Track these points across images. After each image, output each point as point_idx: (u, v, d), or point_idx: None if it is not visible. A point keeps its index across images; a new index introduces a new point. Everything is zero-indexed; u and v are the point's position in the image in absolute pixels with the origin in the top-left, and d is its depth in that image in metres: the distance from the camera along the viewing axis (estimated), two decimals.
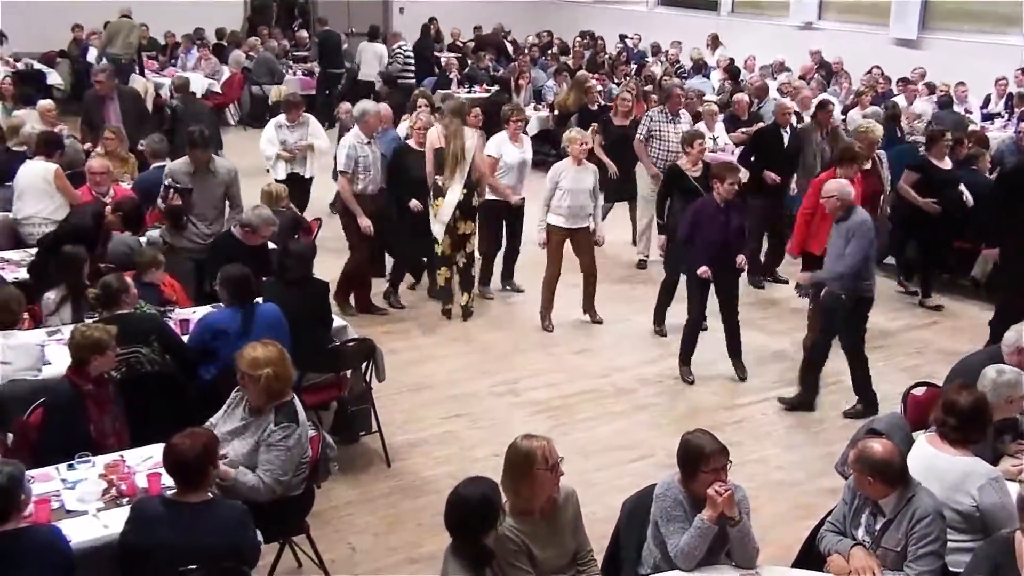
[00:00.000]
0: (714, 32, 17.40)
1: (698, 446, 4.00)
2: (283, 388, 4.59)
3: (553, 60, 16.66)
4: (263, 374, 4.50)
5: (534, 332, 8.38)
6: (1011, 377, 4.83)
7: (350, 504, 5.82)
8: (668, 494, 4.07)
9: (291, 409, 4.61)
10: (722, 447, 4.02)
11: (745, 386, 7.52)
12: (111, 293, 5.54)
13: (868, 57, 14.77)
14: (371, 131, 8.25)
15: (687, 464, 4.02)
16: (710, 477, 3.96)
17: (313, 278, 6.39)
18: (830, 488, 5.65)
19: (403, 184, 8.37)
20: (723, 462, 3.99)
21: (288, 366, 4.63)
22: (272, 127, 9.85)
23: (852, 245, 6.66)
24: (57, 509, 4.23)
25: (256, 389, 4.54)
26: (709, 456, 3.96)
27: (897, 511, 3.99)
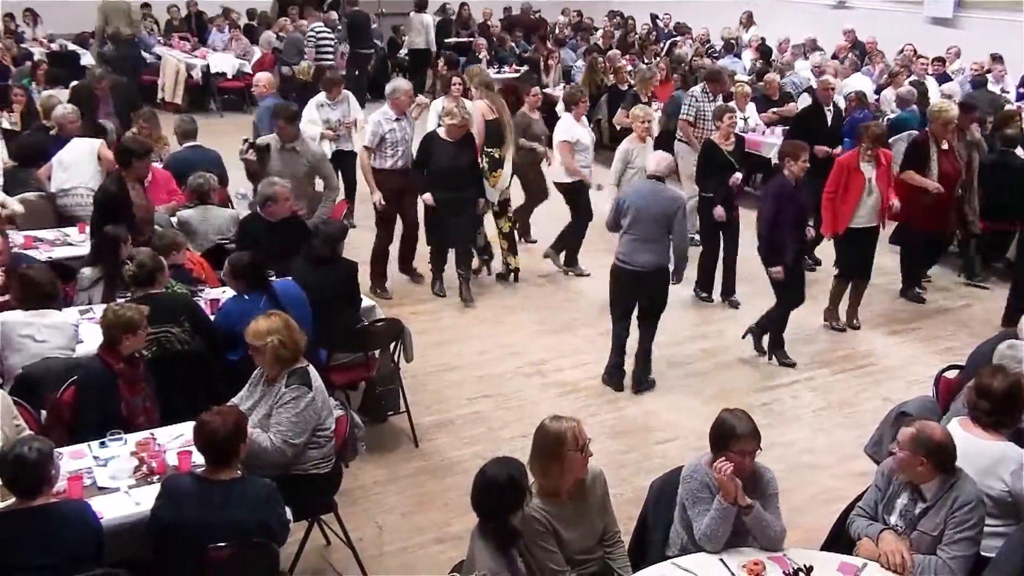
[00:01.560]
0: (749, 10, 17.20)
1: (731, 426, 3.99)
2: (291, 355, 4.65)
3: (583, 40, 16.56)
4: (268, 343, 4.57)
5: (562, 313, 8.36)
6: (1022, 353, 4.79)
7: (378, 483, 5.86)
8: (695, 476, 4.06)
9: (304, 373, 4.67)
10: (754, 431, 4.00)
11: (775, 369, 7.47)
12: (147, 272, 5.58)
13: (902, 36, 14.52)
14: (402, 109, 8.35)
15: (717, 441, 4.01)
16: (738, 458, 3.95)
17: (341, 258, 6.39)
18: (860, 472, 5.61)
19: (428, 172, 8.19)
20: (752, 446, 3.98)
21: (295, 333, 4.68)
22: (313, 107, 9.70)
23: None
24: (89, 486, 4.29)
25: (264, 359, 4.63)
26: (740, 437, 3.95)
27: (938, 497, 3.96)
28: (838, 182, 7.70)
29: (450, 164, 8.07)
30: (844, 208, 7.70)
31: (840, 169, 7.76)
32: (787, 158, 7.29)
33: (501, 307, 8.51)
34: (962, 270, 9.42)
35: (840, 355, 7.72)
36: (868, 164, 7.71)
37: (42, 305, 5.41)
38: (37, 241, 7.11)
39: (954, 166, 8.55)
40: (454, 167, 8.08)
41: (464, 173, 8.16)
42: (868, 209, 7.76)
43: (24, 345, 5.26)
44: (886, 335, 8.10)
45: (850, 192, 7.69)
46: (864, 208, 7.73)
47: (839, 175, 7.72)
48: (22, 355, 5.23)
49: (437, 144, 8.15)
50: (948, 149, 8.52)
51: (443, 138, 8.14)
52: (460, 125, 8.06)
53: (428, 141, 8.25)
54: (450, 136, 8.09)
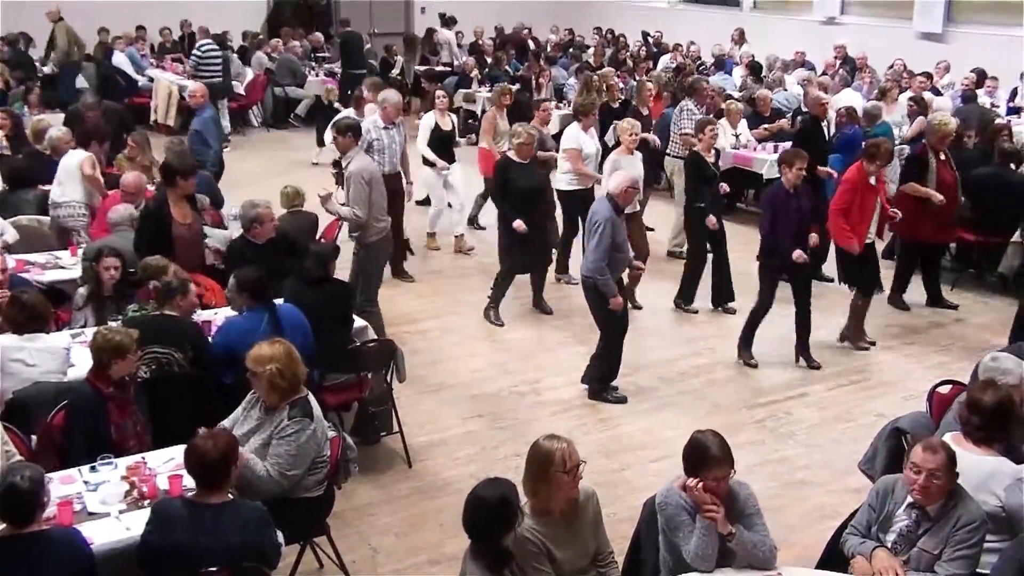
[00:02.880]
0: (740, 27, 17.30)
1: (704, 448, 3.93)
2: (290, 385, 4.61)
3: (574, 59, 16.63)
4: (267, 370, 4.53)
5: (556, 331, 8.36)
6: (1004, 365, 4.77)
7: (371, 505, 5.83)
8: (669, 502, 4.02)
9: (305, 405, 4.63)
10: (727, 454, 3.92)
11: (769, 384, 7.47)
12: (169, 291, 5.59)
13: (892, 51, 14.60)
14: (390, 118, 8.82)
15: (692, 463, 3.96)
16: (712, 484, 3.90)
17: (333, 279, 6.39)
18: (855, 488, 5.60)
19: (509, 196, 8.33)
20: (725, 472, 3.91)
21: (296, 364, 4.63)
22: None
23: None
24: (80, 511, 4.26)
25: (262, 385, 4.58)
26: (713, 462, 3.89)
27: (942, 514, 3.95)
28: (851, 200, 7.63)
29: (528, 186, 8.29)
30: (859, 226, 7.65)
31: (852, 187, 7.67)
32: (783, 165, 7.43)
33: (495, 326, 8.50)
34: (954, 284, 9.44)
35: (834, 370, 7.72)
36: (872, 179, 7.74)
37: (34, 329, 5.39)
38: (29, 264, 7.10)
39: (952, 175, 8.68)
40: (532, 188, 8.33)
41: (540, 194, 8.47)
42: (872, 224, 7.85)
43: (15, 369, 5.24)
44: (879, 350, 8.10)
45: (865, 209, 7.66)
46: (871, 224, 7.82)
47: (851, 193, 7.64)
48: (13, 379, 5.20)
49: (514, 168, 8.33)
50: (945, 159, 8.67)
51: (518, 161, 8.33)
52: (528, 143, 8.28)
53: (504, 167, 8.42)
54: (522, 157, 8.30)
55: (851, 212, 7.65)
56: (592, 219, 6.79)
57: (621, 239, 6.86)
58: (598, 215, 6.75)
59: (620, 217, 6.84)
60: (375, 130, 8.78)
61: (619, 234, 6.82)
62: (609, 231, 6.68)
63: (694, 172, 8.56)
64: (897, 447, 4.91)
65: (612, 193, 6.82)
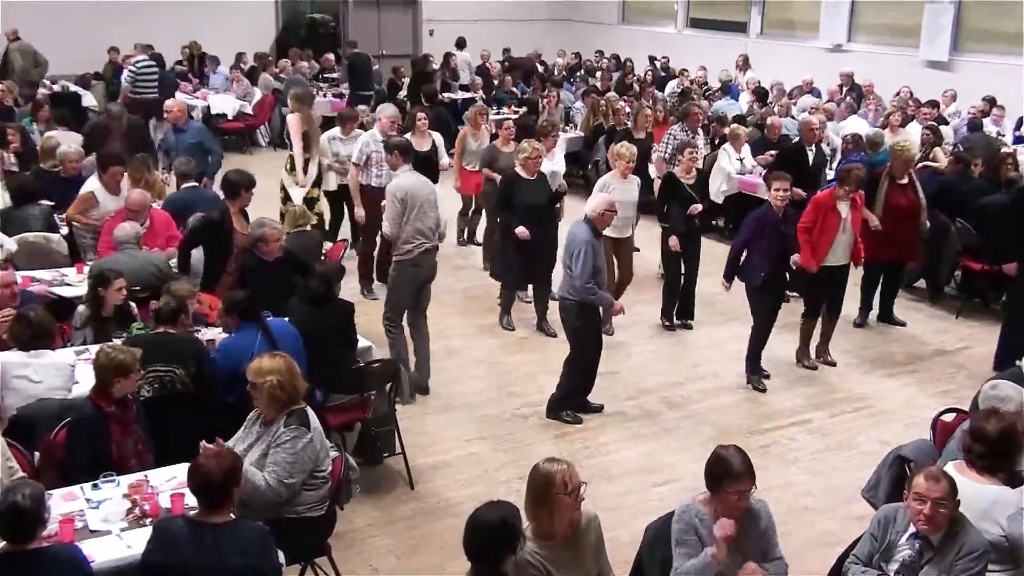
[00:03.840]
0: (744, 54, 17.37)
1: (726, 463, 3.97)
2: (289, 398, 4.64)
3: (581, 82, 16.70)
4: (266, 382, 4.56)
5: (560, 354, 8.32)
6: (1004, 392, 4.81)
7: (373, 526, 5.82)
8: (683, 517, 4.06)
9: (302, 415, 4.66)
10: (749, 471, 3.99)
11: (773, 410, 7.46)
12: (170, 311, 5.61)
13: (899, 79, 14.65)
14: (385, 130, 9.07)
15: (712, 478, 4.00)
16: (732, 497, 3.94)
17: (337, 298, 6.40)
18: (858, 515, 5.58)
19: (513, 210, 8.50)
20: (747, 485, 3.96)
21: (295, 377, 4.67)
22: (325, 140, 10.04)
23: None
24: (81, 529, 4.27)
25: (261, 397, 4.61)
26: (735, 477, 3.94)
27: (944, 544, 3.94)
28: (814, 219, 7.85)
29: (533, 201, 8.45)
30: (818, 246, 7.84)
31: (816, 207, 7.92)
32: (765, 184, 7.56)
33: (498, 348, 8.50)
34: (959, 312, 9.44)
35: (837, 397, 7.71)
36: (844, 204, 7.87)
37: (39, 345, 5.41)
38: (35, 281, 7.12)
39: (910, 199, 8.87)
40: (537, 204, 8.47)
41: (544, 209, 8.58)
42: (841, 248, 7.94)
43: (20, 386, 5.26)
44: (883, 377, 8.09)
45: (825, 231, 7.84)
46: (837, 247, 7.90)
47: (815, 212, 7.87)
48: (18, 396, 5.23)
49: (519, 183, 8.50)
50: (908, 184, 8.89)
51: (523, 176, 8.48)
52: (533, 157, 8.41)
53: (509, 181, 8.61)
54: (528, 172, 8.46)
55: (812, 231, 7.82)
56: (571, 242, 6.80)
57: (600, 262, 6.89)
58: (577, 238, 6.76)
59: (598, 240, 6.86)
60: (374, 143, 9.04)
61: (598, 257, 6.85)
62: (590, 253, 6.70)
63: (667, 193, 8.70)
64: (900, 475, 4.90)
65: (589, 216, 6.83)
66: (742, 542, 4.03)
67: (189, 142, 10.10)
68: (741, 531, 4.00)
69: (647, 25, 20.49)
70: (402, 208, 7.12)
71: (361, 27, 19.86)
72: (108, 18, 16.70)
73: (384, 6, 20.39)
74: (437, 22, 19.88)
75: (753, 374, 7.83)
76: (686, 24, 19.92)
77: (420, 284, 7.31)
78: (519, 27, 20.41)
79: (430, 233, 7.24)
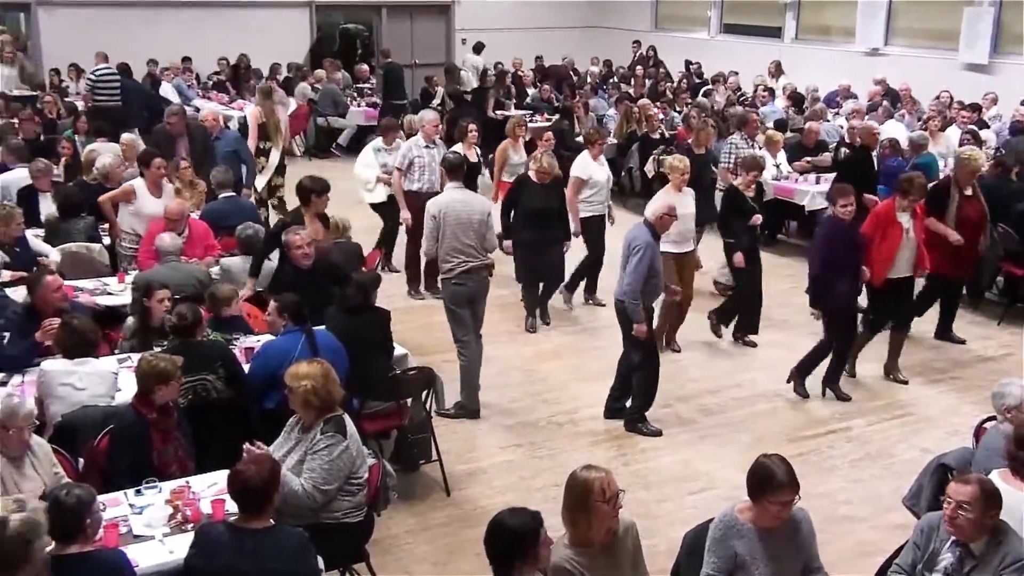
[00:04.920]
0: (777, 60, 17.27)
1: (770, 473, 3.95)
2: (323, 404, 4.67)
3: (614, 89, 16.69)
4: (301, 386, 4.61)
5: (594, 361, 8.34)
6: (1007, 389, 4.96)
7: (409, 532, 5.84)
8: (721, 526, 4.06)
9: (339, 422, 4.70)
10: (792, 481, 3.96)
11: (811, 418, 7.40)
12: (187, 325, 5.66)
13: (937, 83, 14.48)
14: (430, 136, 9.34)
15: (755, 487, 3.98)
16: (774, 507, 3.92)
17: (375, 307, 6.44)
18: (898, 524, 5.52)
19: (519, 214, 8.70)
20: (791, 497, 3.94)
21: (331, 383, 4.71)
22: (371, 151, 10.14)
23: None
24: (125, 534, 4.33)
25: (296, 401, 4.66)
26: (778, 487, 3.92)
27: (987, 553, 3.89)
28: (873, 231, 7.61)
29: (541, 205, 8.62)
30: (880, 258, 7.60)
31: (876, 219, 7.68)
32: (829, 202, 7.39)
33: (533, 355, 8.51)
34: (1001, 318, 9.31)
35: (877, 404, 7.63)
36: (905, 214, 7.63)
37: (83, 354, 5.49)
38: (78, 291, 7.23)
39: (978, 211, 8.52)
40: (544, 208, 8.62)
41: (553, 214, 8.70)
42: (904, 260, 7.67)
43: (65, 393, 5.33)
44: (923, 384, 7.99)
45: (887, 242, 7.59)
46: (900, 259, 7.64)
47: (875, 224, 7.64)
48: (63, 403, 5.30)
49: (528, 187, 8.72)
50: (973, 195, 8.51)
51: (534, 181, 8.66)
52: (543, 171, 8.63)
53: (519, 184, 8.86)
54: (539, 179, 8.65)
55: (873, 243, 7.60)
56: (632, 244, 6.80)
57: (658, 265, 6.86)
58: (638, 240, 6.77)
59: (657, 243, 6.85)
60: (416, 148, 9.25)
61: (656, 260, 6.82)
62: (648, 254, 6.70)
63: (730, 207, 8.55)
64: (942, 483, 4.83)
65: (649, 219, 6.83)
66: (783, 551, 4.01)
67: (224, 151, 10.24)
68: (782, 540, 3.98)
69: (680, 31, 20.43)
70: (434, 225, 7.12)
71: (394, 36, 19.98)
72: (148, 31, 16.95)
73: (417, 15, 20.52)
74: (470, 31, 19.95)
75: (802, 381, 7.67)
76: (719, 30, 19.84)
77: (468, 302, 7.23)
78: (551, 35, 20.43)
79: (471, 250, 7.12)
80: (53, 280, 6.23)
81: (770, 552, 3.98)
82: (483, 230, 7.20)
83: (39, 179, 8.92)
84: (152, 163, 8.28)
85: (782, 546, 4.02)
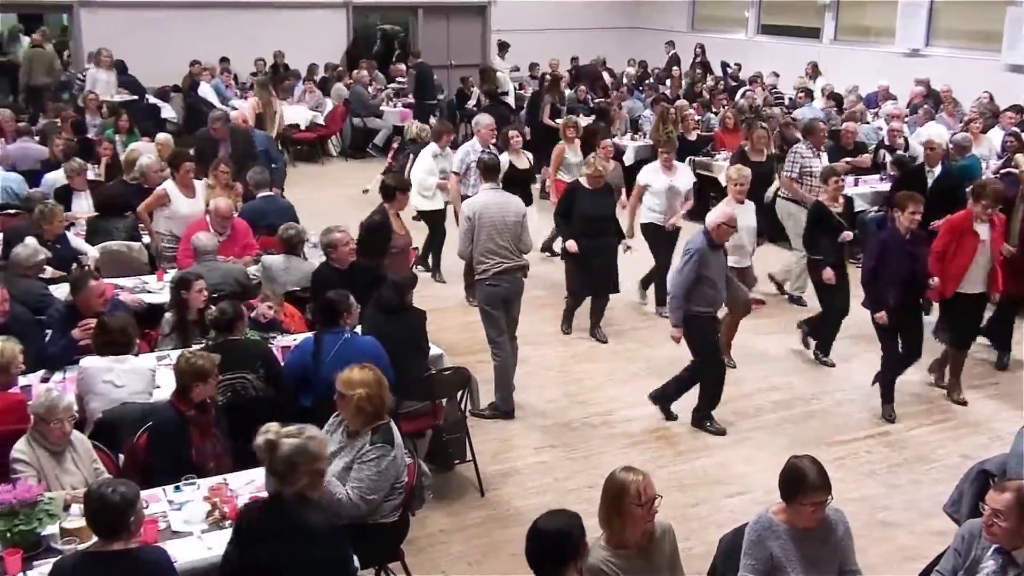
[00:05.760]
0: (813, 61, 17.11)
1: (801, 474, 3.93)
2: (376, 411, 4.64)
3: (651, 90, 16.62)
4: (356, 395, 4.57)
5: (628, 363, 8.32)
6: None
7: (444, 532, 5.85)
8: (756, 528, 4.04)
9: (388, 431, 4.67)
10: (824, 481, 3.94)
11: (848, 422, 7.33)
12: (227, 319, 5.72)
13: (979, 84, 14.29)
14: (485, 140, 9.41)
15: (787, 489, 3.97)
16: (808, 508, 3.91)
17: (411, 307, 6.46)
18: (938, 531, 5.45)
19: (573, 220, 8.61)
20: (823, 497, 3.92)
21: (384, 391, 4.68)
22: (429, 157, 9.98)
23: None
24: (164, 529, 4.37)
25: (348, 409, 4.63)
26: (810, 488, 3.90)
27: None
28: (947, 243, 7.32)
29: (592, 212, 8.48)
30: (952, 271, 7.31)
31: (951, 229, 7.38)
32: (895, 209, 7.18)
33: (568, 356, 8.50)
34: None
35: (916, 409, 7.54)
36: (983, 225, 7.35)
37: (115, 351, 5.55)
38: (118, 289, 7.31)
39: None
40: (596, 215, 8.48)
41: (606, 220, 8.58)
42: (978, 273, 7.39)
43: (104, 390, 5.40)
44: (965, 389, 7.86)
45: (960, 254, 7.29)
46: (974, 272, 7.36)
47: (950, 235, 7.34)
48: (102, 400, 5.37)
49: (580, 192, 8.59)
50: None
51: (586, 187, 8.56)
52: (595, 175, 8.52)
53: (572, 190, 8.76)
54: (591, 185, 8.52)
55: (946, 256, 7.33)
56: (685, 248, 6.90)
57: (712, 274, 6.82)
58: (691, 245, 6.83)
59: (714, 251, 6.83)
60: (473, 152, 9.28)
61: (708, 268, 6.79)
62: (696, 262, 6.69)
63: (816, 223, 8.10)
64: (983, 490, 4.75)
65: (707, 228, 6.83)
66: (818, 553, 3.99)
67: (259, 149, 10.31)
68: (817, 542, 3.96)
69: (718, 32, 20.32)
70: (469, 226, 7.13)
71: (430, 37, 20.05)
72: (187, 31, 17.10)
73: (453, 16, 20.56)
74: (506, 32, 19.96)
75: (886, 404, 7.40)
76: (757, 31, 19.71)
77: (502, 302, 7.24)
78: (588, 36, 20.38)
79: (506, 252, 7.14)
80: (97, 286, 6.32)
81: (805, 554, 3.96)
82: (518, 231, 7.21)
83: (73, 178, 9.09)
84: (181, 167, 8.37)
85: (817, 548, 4.00)
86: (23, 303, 6.32)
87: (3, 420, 4.96)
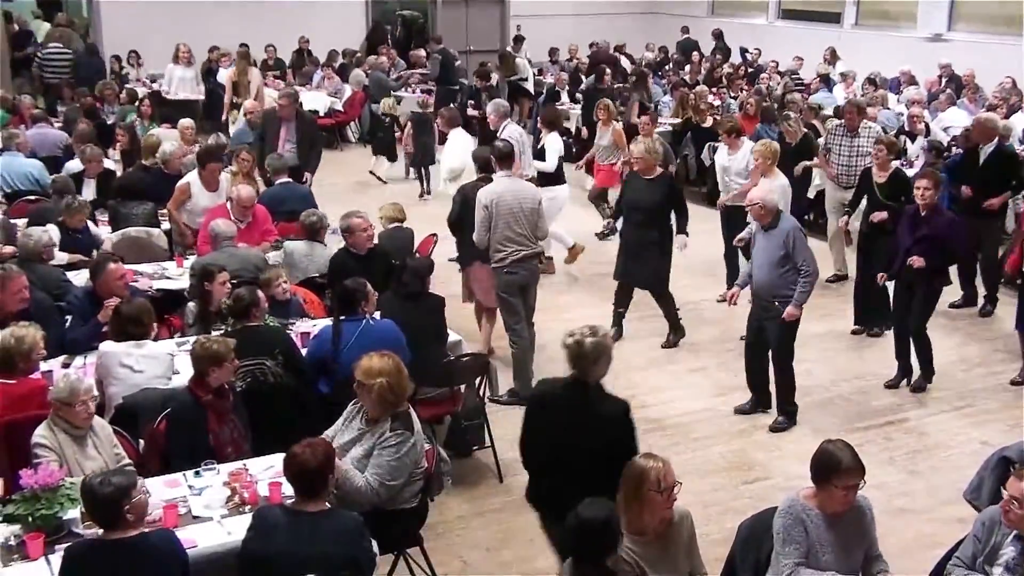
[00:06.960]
0: (832, 46, 16.94)
1: (836, 458, 3.93)
2: (397, 400, 4.64)
3: (673, 75, 16.54)
4: (376, 383, 4.56)
5: (649, 350, 8.30)
6: None
7: (463, 518, 5.87)
8: (790, 512, 4.00)
9: (407, 418, 4.67)
10: (859, 465, 3.94)
11: (867, 408, 7.29)
12: (243, 305, 5.74)
13: (1001, 69, 14.13)
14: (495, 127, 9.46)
15: (820, 472, 3.96)
16: (841, 492, 3.90)
17: (429, 293, 6.47)
18: (958, 517, 5.42)
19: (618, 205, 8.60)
20: (857, 480, 3.92)
21: (404, 379, 4.68)
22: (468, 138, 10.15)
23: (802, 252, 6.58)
24: (184, 514, 4.40)
25: (370, 398, 4.62)
26: (844, 471, 3.90)
27: None
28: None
29: (635, 199, 8.07)
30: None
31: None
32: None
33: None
34: None
35: (935, 396, 7.49)
36: None
37: (130, 336, 5.57)
38: (137, 275, 7.35)
39: None
40: (638, 204, 8.02)
41: (639, 211, 8.02)
42: None
43: (123, 375, 5.43)
44: (984, 375, 7.82)
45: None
46: None
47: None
48: (122, 385, 5.41)
49: (631, 179, 8.36)
50: None
51: (637, 174, 8.19)
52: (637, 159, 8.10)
53: (627, 177, 8.71)
54: (642, 172, 8.08)
55: None
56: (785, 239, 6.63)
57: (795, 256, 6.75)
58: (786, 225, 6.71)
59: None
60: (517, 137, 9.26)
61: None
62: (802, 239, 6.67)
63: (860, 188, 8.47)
64: (1004, 477, 4.73)
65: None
66: (849, 538, 3.99)
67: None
68: (848, 526, 3.95)
69: (737, 17, 20.18)
70: (486, 214, 7.09)
71: (449, 23, 20.01)
72: (207, 18, 17.12)
73: (472, 2, 20.52)
74: (525, 17, 19.89)
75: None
76: (777, 15, 19.56)
77: (519, 290, 7.23)
78: (607, 21, 20.27)
79: (522, 239, 7.10)
80: (116, 268, 6.35)
81: (836, 539, 3.96)
82: (534, 218, 7.18)
83: (89, 164, 9.09)
84: (207, 166, 8.39)
85: (848, 532, 4.01)
86: (43, 289, 6.37)
87: (26, 405, 5.00)
